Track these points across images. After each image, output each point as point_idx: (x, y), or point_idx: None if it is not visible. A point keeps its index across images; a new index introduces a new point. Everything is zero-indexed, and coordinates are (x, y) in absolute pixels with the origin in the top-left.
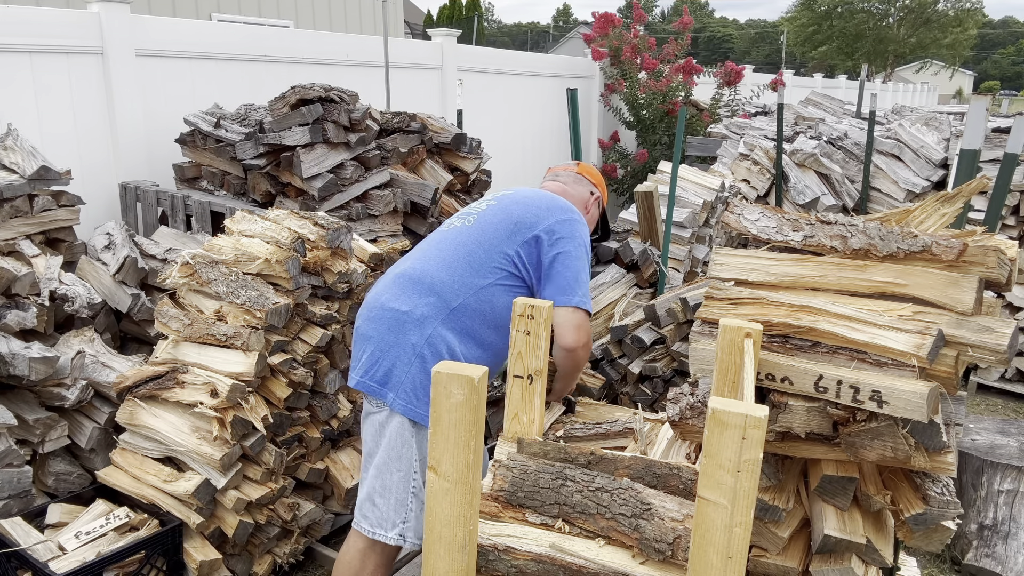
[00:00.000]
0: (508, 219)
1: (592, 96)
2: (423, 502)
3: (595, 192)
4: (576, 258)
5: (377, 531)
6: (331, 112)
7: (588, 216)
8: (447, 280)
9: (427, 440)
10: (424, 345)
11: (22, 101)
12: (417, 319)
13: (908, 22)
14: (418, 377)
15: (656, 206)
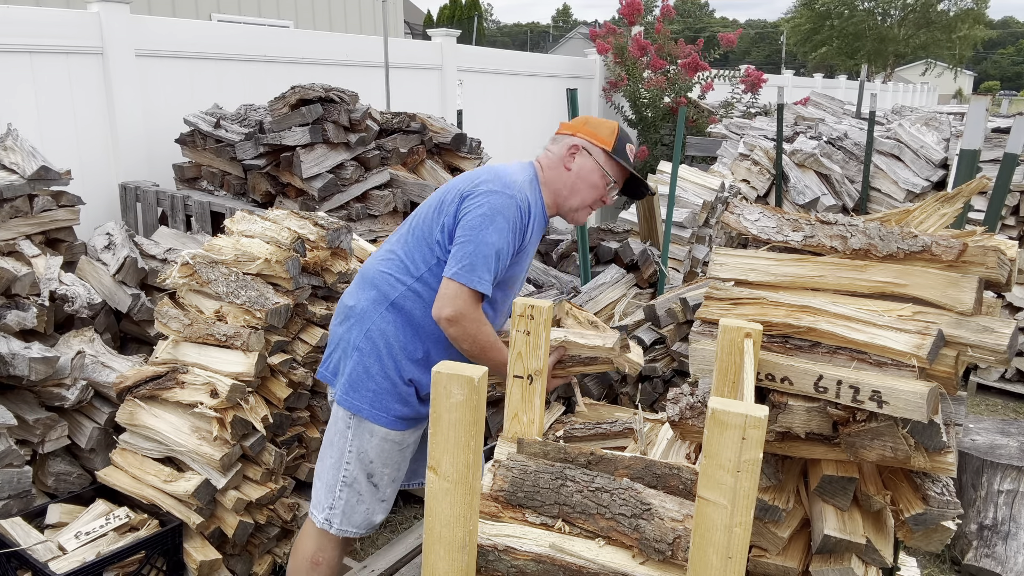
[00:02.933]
0: (434, 202)
1: (592, 96)
2: (359, 494)
3: (576, 142)
4: (478, 229)
5: (312, 511)
6: (331, 112)
7: (573, 171)
8: (386, 272)
9: (367, 434)
10: (362, 338)
11: (22, 101)
12: (358, 313)
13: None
14: (355, 369)
15: (656, 206)
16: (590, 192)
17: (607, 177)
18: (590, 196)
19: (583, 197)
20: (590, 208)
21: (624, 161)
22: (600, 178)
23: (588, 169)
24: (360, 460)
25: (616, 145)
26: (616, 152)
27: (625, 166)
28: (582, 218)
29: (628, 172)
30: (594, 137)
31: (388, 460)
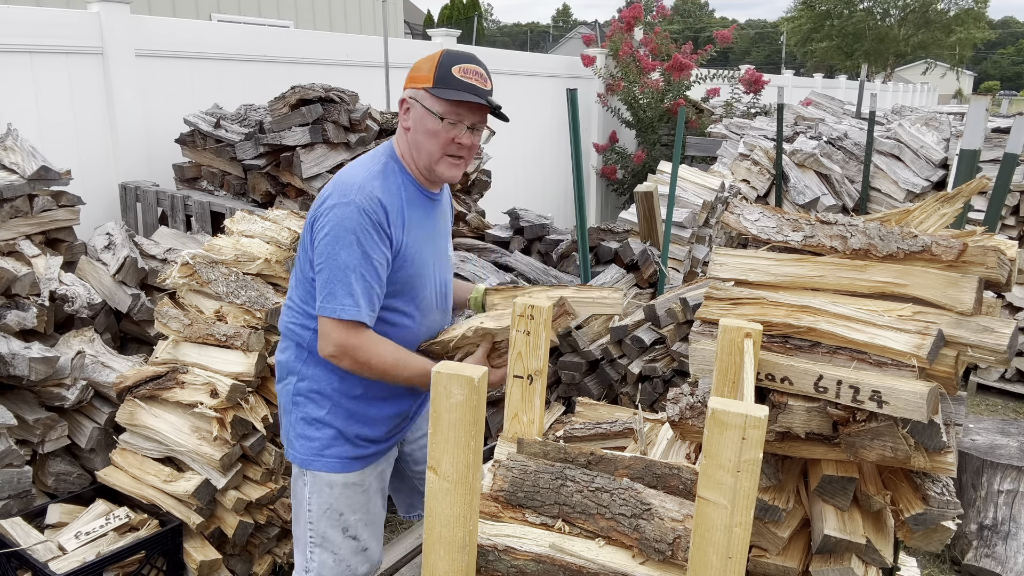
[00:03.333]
0: (304, 237)
1: (592, 96)
2: (333, 553)
3: (403, 95)
4: (327, 254)
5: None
6: (331, 112)
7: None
8: (291, 323)
9: (327, 487)
10: (296, 392)
11: (22, 101)
12: (286, 368)
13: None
14: (298, 423)
15: (656, 206)
16: (430, 141)
17: (437, 118)
18: (434, 146)
19: (428, 150)
20: (450, 160)
21: (449, 90)
22: (432, 122)
23: (419, 118)
24: (328, 517)
25: (438, 76)
26: (439, 84)
27: (450, 97)
28: (448, 173)
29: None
30: (415, 81)
31: (356, 506)
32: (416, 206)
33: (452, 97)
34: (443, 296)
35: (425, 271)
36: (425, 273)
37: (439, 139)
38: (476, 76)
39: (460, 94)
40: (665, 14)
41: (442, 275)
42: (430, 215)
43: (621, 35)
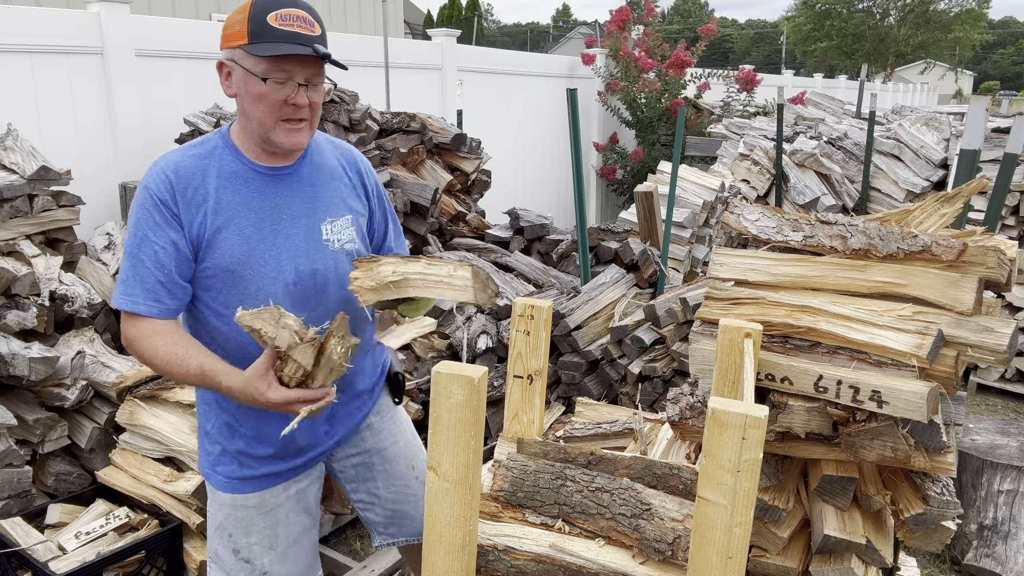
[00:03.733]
0: None
1: (592, 96)
2: (226, 573)
3: (220, 59)
4: (126, 243)
5: None
6: (331, 112)
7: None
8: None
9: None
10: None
11: (22, 101)
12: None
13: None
14: (199, 433)
15: (656, 206)
16: (259, 107)
17: (259, 79)
18: (263, 112)
19: (259, 118)
20: (287, 125)
21: (267, 43)
22: (255, 84)
23: (241, 82)
24: (219, 535)
25: (252, 29)
26: (255, 38)
27: (269, 53)
28: (287, 140)
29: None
30: (229, 40)
31: (249, 529)
32: (242, 184)
33: (271, 52)
34: (308, 290)
35: (259, 260)
36: (260, 262)
37: (268, 103)
38: (299, 22)
39: (281, 47)
40: (655, 15)
41: (308, 265)
42: (272, 193)
43: (619, 35)
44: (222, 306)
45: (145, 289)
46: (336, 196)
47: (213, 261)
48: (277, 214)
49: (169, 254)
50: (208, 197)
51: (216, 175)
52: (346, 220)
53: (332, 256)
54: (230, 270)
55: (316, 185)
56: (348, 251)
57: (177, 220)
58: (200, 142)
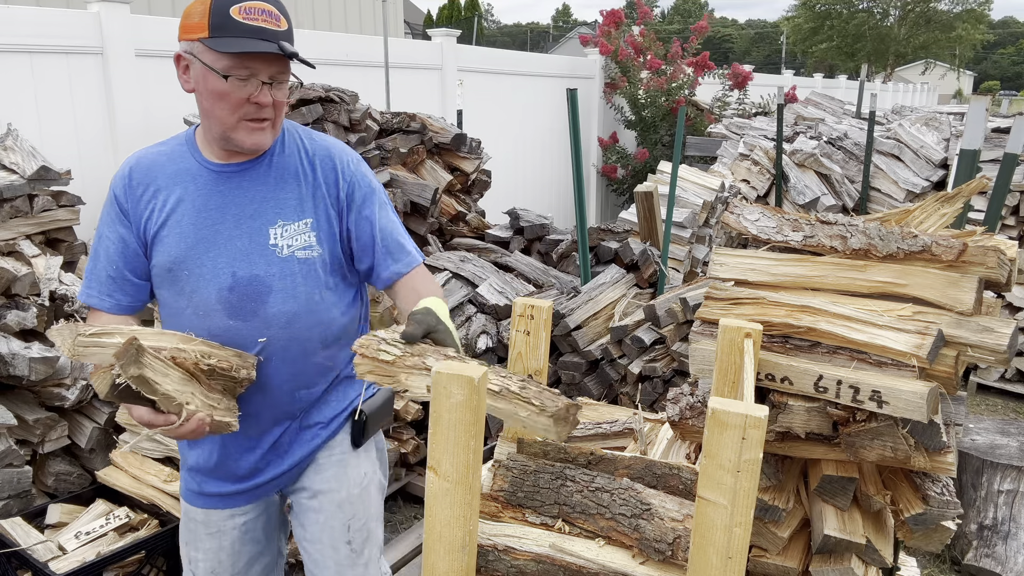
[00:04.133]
0: None
1: (592, 96)
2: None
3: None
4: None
5: None
6: (331, 112)
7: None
8: None
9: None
10: None
11: (22, 101)
12: None
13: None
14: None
15: (656, 206)
16: (219, 105)
17: (220, 76)
18: (224, 111)
19: (219, 116)
20: (250, 125)
21: (230, 38)
22: (216, 81)
23: (200, 77)
24: (181, 538)
25: (214, 22)
26: (216, 32)
27: (231, 49)
28: (249, 140)
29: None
30: (188, 31)
31: (198, 543)
32: (190, 181)
33: (234, 49)
34: (245, 298)
35: (194, 262)
36: (195, 264)
37: (229, 101)
38: (264, 16)
39: (244, 42)
40: (649, 17)
41: (247, 270)
42: (219, 192)
43: (617, 34)
44: (166, 307)
45: (99, 283)
46: (294, 198)
47: (156, 260)
48: (220, 214)
49: (119, 250)
50: (157, 194)
51: (171, 172)
52: (303, 225)
53: (279, 263)
54: (168, 269)
55: (271, 185)
56: (301, 259)
57: (126, 217)
58: (169, 139)
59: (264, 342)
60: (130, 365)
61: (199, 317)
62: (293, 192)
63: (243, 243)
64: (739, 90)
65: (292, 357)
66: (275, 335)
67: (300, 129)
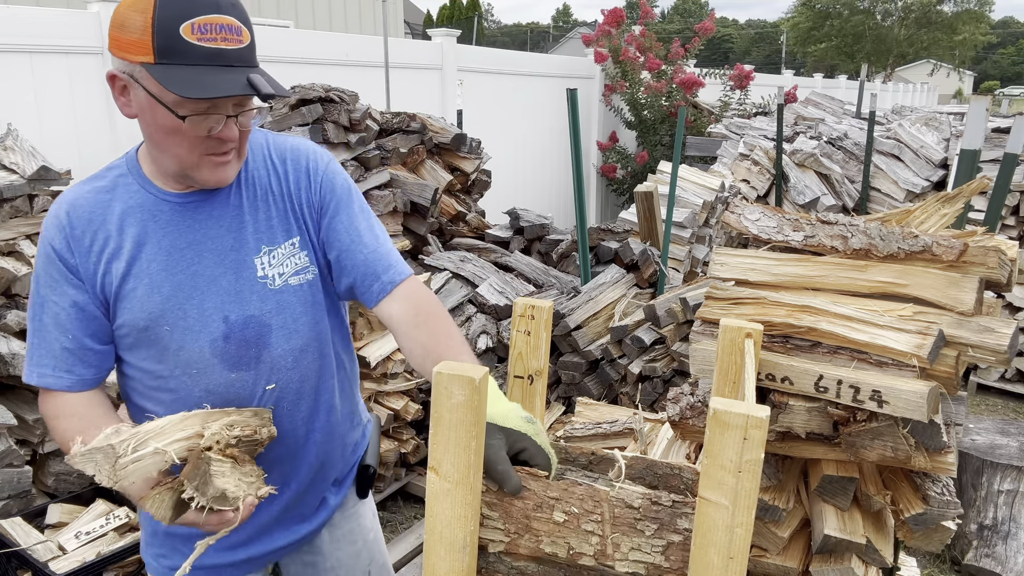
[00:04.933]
0: None
1: (592, 96)
2: None
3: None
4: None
5: None
6: (331, 112)
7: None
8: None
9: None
10: None
11: (22, 101)
12: None
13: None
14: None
15: (656, 206)
16: (173, 139)
17: (171, 113)
18: (180, 148)
19: (175, 153)
20: (213, 160)
21: (183, 67)
22: (166, 117)
23: (145, 107)
24: None
25: (161, 44)
26: (164, 56)
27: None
28: (214, 177)
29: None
30: (125, 48)
31: None
32: (149, 218)
33: (192, 93)
34: (244, 345)
35: (176, 314)
36: (177, 316)
37: (186, 139)
38: (224, 33)
39: (204, 79)
40: (651, 16)
41: (240, 312)
42: (188, 227)
43: (618, 34)
44: (141, 374)
45: (52, 357)
46: (275, 216)
47: (124, 319)
48: (195, 252)
49: (72, 316)
50: (109, 240)
51: (119, 212)
52: (290, 246)
53: (274, 297)
54: (142, 329)
55: (244, 208)
56: (295, 287)
57: (75, 274)
58: (104, 171)
59: (273, 389)
60: (207, 484)
61: (192, 377)
62: (271, 210)
63: (229, 281)
64: (741, 90)
65: (303, 399)
66: (283, 378)
67: (259, 132)
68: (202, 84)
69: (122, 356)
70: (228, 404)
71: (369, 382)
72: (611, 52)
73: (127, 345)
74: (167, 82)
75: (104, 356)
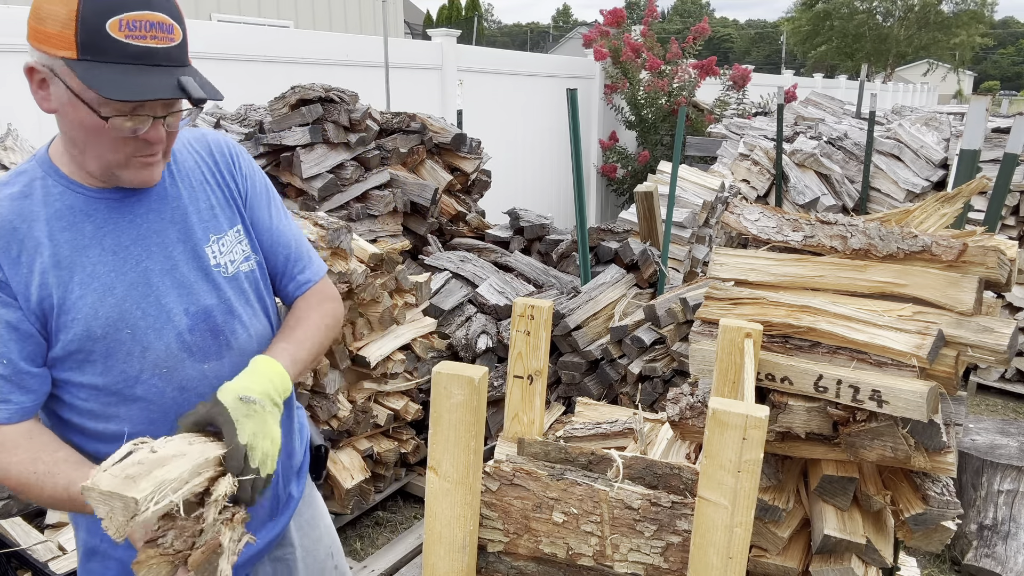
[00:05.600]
0: None
1: (592, 96)
2: None
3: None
4: None
5: None
6: (331, 112)
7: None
8: None
9: None
10: None
11: (22, 101)
12: None
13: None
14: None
15: (656, 206)
16: (97, 140)
17: (94, 113)
18: (103, 148)
19: (97, 152)
20: (140, 161)
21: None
22: (88, 117)
23: (65, 103)
24: None
25: (84, 39)
26: (87, 52)
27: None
28: (138, 178)
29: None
30: (45, 39)
31: None
32: (84, 219)
33: (119, 95)
34: (208, 336)
35: (136, 315)
36: (137, 316)
37: (108, 139)
38: (154, 31)
39: (131, 80)
40: (655, 16)
41: (198, 303)
42: (128, 223)
43: (617, 34)
44: (96, 392)
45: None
46: (216, 204)
47: (74, 332)
48: (142, 248)
49: (4, 339)
50: (40, 248)
51: (45, 217)
52: (236, 233)
53: (229, 284)
54: (98, 338)
55: (184, 198)
56: (247, 273)
57: (6, 289)
58: (11, 177)
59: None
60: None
61: (162, 377)
62: (211, 199)
63: (182, 273)
64: (738, 90)
65: None
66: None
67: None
68: (128, 85)
69: (66, 379)
70: (203, 399)
71: (369, 382)
72: (611, 52)
73: (74, 364)
74: (90, 80)
75: (42, 380)
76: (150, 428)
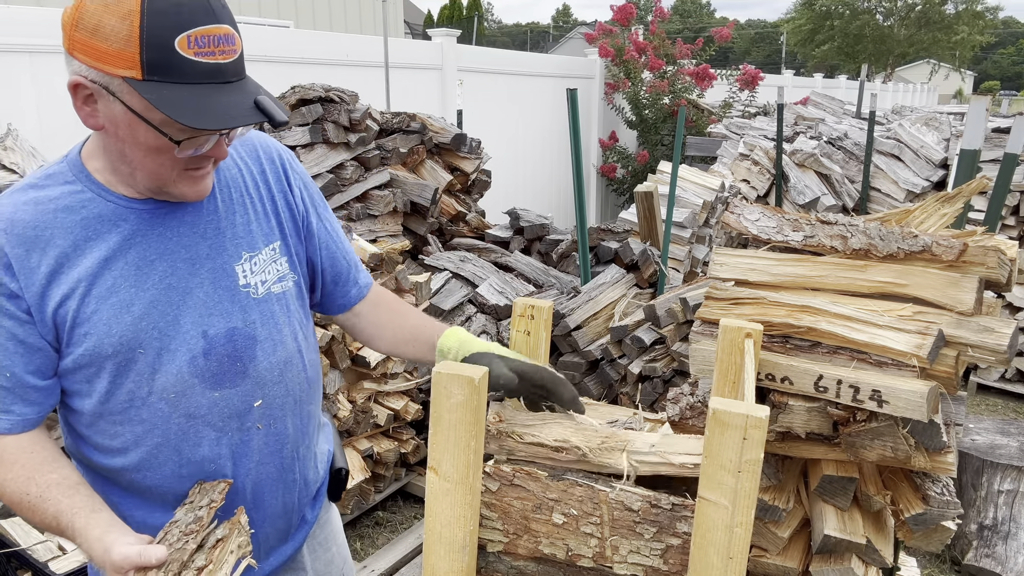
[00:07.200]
0: None
1: (592, 96)
2: None
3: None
4: None
5: None
6: (331, 112)
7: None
8: None
9: None
10: None
11: (22, 101)
12: None
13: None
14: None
15: (656, 206)
16: (154, 159)
17: (156, 131)
18: (161, 166)
19: (151, 169)
20: (192, 174)
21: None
22: (153, 137)
23: (123, 122)
24: None
25: (152, 58)
26: (154, 72)
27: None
28: (191, 191)
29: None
30: (101, 56)
31: None
32: (112, 230)
33: (201, 124)
34: (226, 361)
35: (151, 334)
36: (153, 336)
37: (168, 158)
38: (221, 46)
39: (206, 104)
40: (664, 16)
41: (221, 325)
42: (157, 236)
43: (621, 33)
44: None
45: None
46: (253, 220)
47: (86, 347)
48: (168, 263)
49: (11, 350)
50: (63, 259)
51: (70, 224)
52: (272, 251)
53: (257, 307)
54: (110, 356)
55: (220, 212)
56: (279, 295)
57: (15, 301)
58: (41, 179)
59: (260, 405)
60: None
61: (170, 403)
62: (250, 213)
63: (205, 292)
64: (749, 90)
65: (288, 414)
66: (270, 393)
67: None
68: (207, 111)
69: (76, 390)
70: (212, 428)
71: (369, 382)
72: (615, 51)
73: (84, 379)
74: (162, 105)
75: (48, 392)
76: (152, 454)
